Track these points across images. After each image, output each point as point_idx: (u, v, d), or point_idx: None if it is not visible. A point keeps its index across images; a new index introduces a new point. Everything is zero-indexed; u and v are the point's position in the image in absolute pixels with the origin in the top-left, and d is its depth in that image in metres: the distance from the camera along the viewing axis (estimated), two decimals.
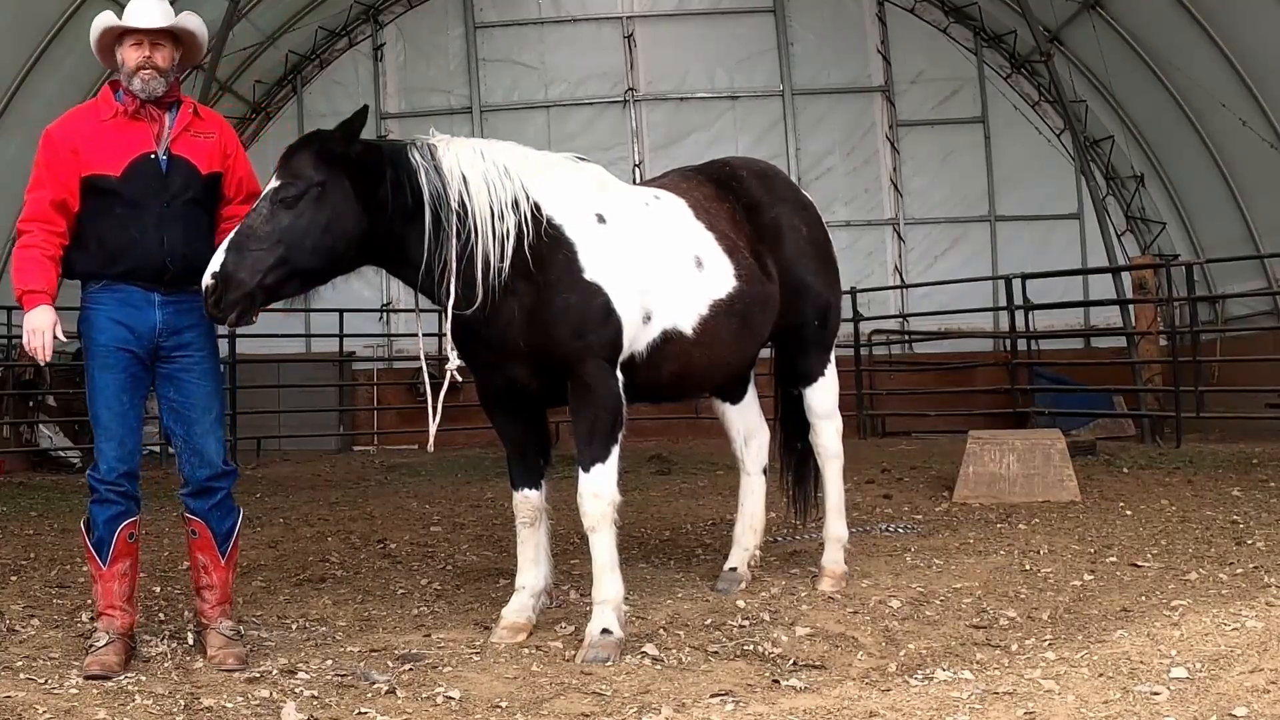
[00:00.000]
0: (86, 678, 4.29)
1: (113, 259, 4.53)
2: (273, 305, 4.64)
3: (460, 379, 4.76)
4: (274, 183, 4.49)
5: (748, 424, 6.09)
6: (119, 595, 4.56)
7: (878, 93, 19.08)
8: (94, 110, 4.64)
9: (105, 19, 4.69)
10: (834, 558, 5.88)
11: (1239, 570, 5.83)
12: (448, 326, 4.69)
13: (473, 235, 4.59)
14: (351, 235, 4.52)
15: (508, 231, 4.61)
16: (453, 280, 4.60)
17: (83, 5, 13.90)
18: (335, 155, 4.50)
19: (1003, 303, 15.34)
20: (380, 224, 4.57)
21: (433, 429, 4.86)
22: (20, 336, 4.66)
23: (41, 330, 4.44)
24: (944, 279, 17.20)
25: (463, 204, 4.60)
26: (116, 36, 4.65)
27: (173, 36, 4.66)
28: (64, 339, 4.50)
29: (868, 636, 4.85)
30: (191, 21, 4.73)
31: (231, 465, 4.78)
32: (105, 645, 4.46)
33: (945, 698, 3.70)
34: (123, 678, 4.30)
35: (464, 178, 4.63)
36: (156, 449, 12.80)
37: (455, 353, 4.78)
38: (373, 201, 4.53)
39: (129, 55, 4.59)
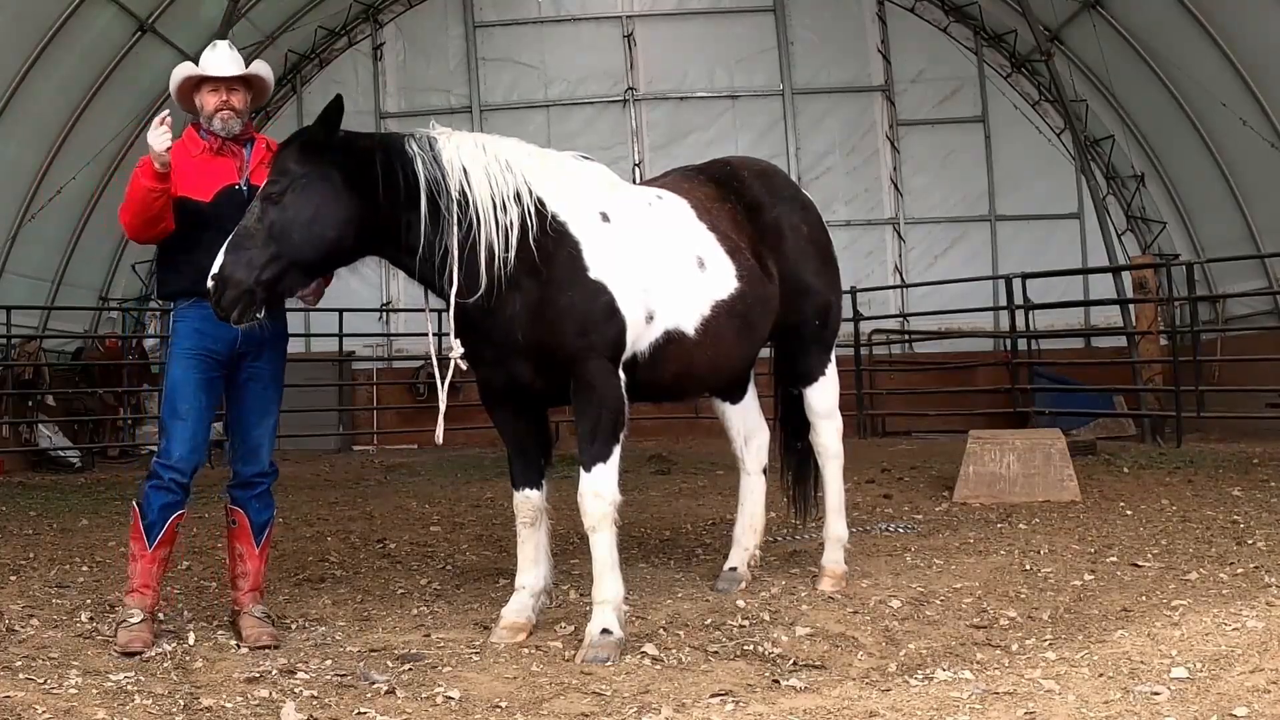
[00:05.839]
0: (124, 654, 4.64)
1: (200, 277, 4.76)
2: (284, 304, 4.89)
3: (465, 366, 4.77)
4: (265, 182, 4.61)
5: (748, 424, 6.09)
6: (155, 576, 4.95)
7: (878, 92, 19.09)
8: (184, 147, 5.03)
9: (185, 69, 5.17)
10: (834, 558, 5.87)
11: (1239, 570, 5.83)
12: (451, 317, 4.69)
13: (475, 224, 4.60)
14: (343, 223, 4.56)
15: (511, 223, 4.64)
16: (455, 268, 4.61)
17: (82, 5, 13.92)
18: (317, 147, 4.58)
19: (1003, 302, 15.34)
20: (375, 211, 4.60)
21: (440, 419, 4.86)
22: (19, 337, 4.77)
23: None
24: (944, 279, 17.19)
25: (463, 193, 4.62)
26: (195, 84, 5.11)
27: (245, 81, 5.13)
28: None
29: (868, 636, 4.84)
30: (262, 69, 5.23)
31: (275, 465, 5.21)
32: (140, 622, 4.82)
33: (945, 698, 3.69)
34: (121, 677, 4.31)
35: (464, 169, 4.66)
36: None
37: (459, 341, 4.78)
38: (363, 188, 4.56)
39: (208, 100, 5.07)
